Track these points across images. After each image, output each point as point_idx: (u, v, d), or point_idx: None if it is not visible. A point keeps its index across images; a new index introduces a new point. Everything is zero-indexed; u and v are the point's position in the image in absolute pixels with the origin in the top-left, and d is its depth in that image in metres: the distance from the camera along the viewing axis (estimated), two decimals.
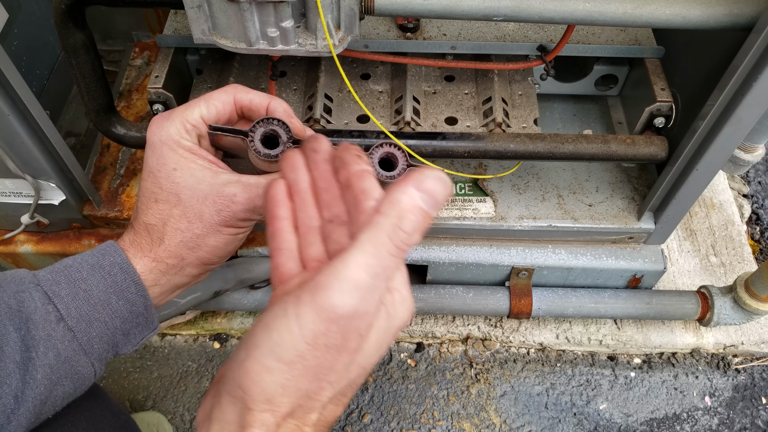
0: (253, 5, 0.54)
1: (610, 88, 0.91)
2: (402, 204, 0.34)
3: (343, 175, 0.42)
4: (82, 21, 0.63)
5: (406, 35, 0.78)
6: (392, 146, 0.55)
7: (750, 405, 0.98)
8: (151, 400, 0.96)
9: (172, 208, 0.51)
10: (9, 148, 0.70)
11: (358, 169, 0.42)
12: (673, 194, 0.79)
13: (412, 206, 0.34)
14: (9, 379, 0.45)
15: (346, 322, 0.34)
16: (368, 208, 0.39)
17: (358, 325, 0.35)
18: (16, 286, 0.48)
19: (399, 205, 0.34)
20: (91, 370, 0.50)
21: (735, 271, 1.05)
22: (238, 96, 0.54)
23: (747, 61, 0.60)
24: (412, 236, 0.34)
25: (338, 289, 0.33)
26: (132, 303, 0.50)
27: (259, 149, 0.51)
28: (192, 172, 0.51)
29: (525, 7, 0.59)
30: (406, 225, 0.34)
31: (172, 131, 0.51)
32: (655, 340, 1.00)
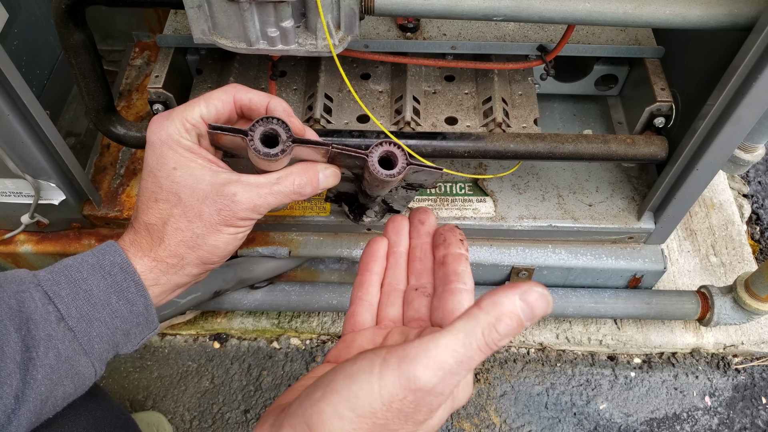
0: (253, 5, 0.54)
1: (610, 88, 0.91)
2: (503, 307, 0.36)
3: (441, 252, 0.48)
4: (82, 21, 0.63)
5: (406, 35, 0.78)
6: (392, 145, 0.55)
7: (750, 405, 0.98)
8: (151, 400, 0.96)
9: (172, 208, 0.51)
10: (9, 148, 0.70)
11: (457, 252, 0.47)
12: (673, 194, 0.79)
13: (512, 312, 0.36)
14: (9, 379, 0.45)
15: (422, 395, 0.36)
16: (456, 290, 0.44)
17: (432, 402, 0.36)
18: (16, 286, 0.48)
19: (500, 308, 0.36)
20: (92, 370, 0.50)
21: (735, 271, 1.05)
22: (237, 95, 0.54)
23: (747, 61, 0.60)
24: (503, 339, 0.36)
25: (425, 364, 0.35)
26: (132, 303, 0.50)
27: (259, 148, 0.51)
28: (192, 172, 0.51)
29: (525, 7, 0.59)
30: (502, 327, 0.36)
31: (172, 131, 0.51)
32: (655, 340, 1.00)
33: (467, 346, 0.35)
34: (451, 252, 0.47)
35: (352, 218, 0.81)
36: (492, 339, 0.35)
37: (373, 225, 0.86)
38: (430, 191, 0.88)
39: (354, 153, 0.54)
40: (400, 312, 0.49)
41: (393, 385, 0.36)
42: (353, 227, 0.87)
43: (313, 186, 0.55)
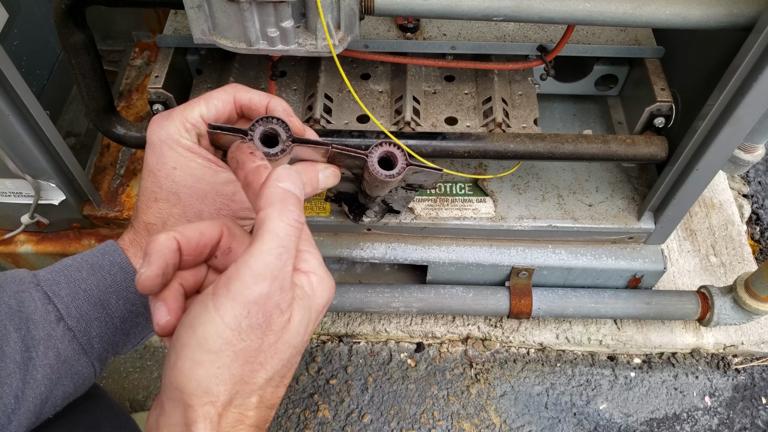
0: (253, 5, 0.54)
1: (610, 88, 0.91)
2: (276, 193, 0.38)
3: (241, 175, 0.44)
4: (82, 21, 0.63)
5: (406, 35, 0.78)
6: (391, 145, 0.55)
7: (750, 405, 0.98)
8: (151, 400, 0.96)
9: (171, 207, 0.51)
10: (9, 148, 0.70)
11: (253, 166, 0.44)
12: (673, 194, 0.79)
13: (285, 191, 0.38)
14: (9, 379, 0.45)
15: (263, 302, 0.36)
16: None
17: (278, 302, 0.37)
18: (16, 286, 0.48)
19: (276, 195, 0.38)
20: (91, 369, 0.50)
21: (735, 271, 1.05)
22: (237, 95, 0.54)
23: (747, 61, 0.60)
24: (296, 213, 0.38)
25: (249, 275, 0.36)
26: (132, 303, 0.50)
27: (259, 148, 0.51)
28: (191, 171, 0.51)
29: (525, 7, 0.59)
30: (291, 206, 0.38)
31: (172, 130, 0.51)
32: (655, 340, 1.00)
33: (275, 240, 0.37)
34: (249, 169, 0.43)
35: (351, 218, 0.81)
36: (292, 218, 0.38)
37: (372, 225, 0.86)
38: (430, 191, 0.88)
39: (354, 153, 0.54)
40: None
41: (232, 308, 0.36)
42: (353, 227, 0.87)
43: (313, 186, 0.54)
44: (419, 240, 0.90)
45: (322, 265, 0.41)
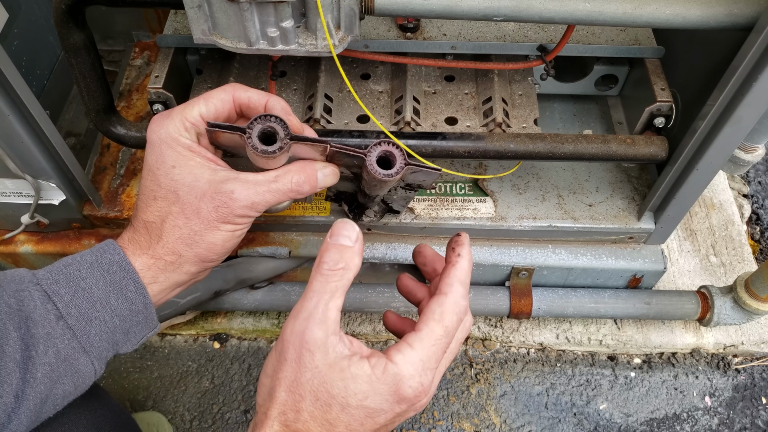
0: (253, 5, 0.54)
1: (610, 88, 0.91)
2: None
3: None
4: (82, 21, 0.63)
5: (406, 35, 0.78)
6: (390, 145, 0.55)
7: (750, 405, 0.98)
8: (151, 400, 0.96)
9: (170, 205, 0.51)
10: (9, 148, 0.70)
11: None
12: (673, 194, 0.79)
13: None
14: (9, 377, 0.45)
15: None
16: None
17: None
18: (15, 285, 0.48)
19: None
20: (91, 368, 0.50)
21: (735, 271, 1.05)
22: (236, 94, 0.54)
23: (747, 61, 0.60)
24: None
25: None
26: (131, 301, 0.50)
27: (257, 145, 0.51)
28: (190, 170, 0.51)
29: (525, 7, 0.59)
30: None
31: (172, 129, 0.51)
32: (655, 340, 1.00)
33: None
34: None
35: (351, 218, 0.81)
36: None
37: (372, 225, 0.86)
38: (430, 191, 0.88)
39: (352, 152, 0.54)
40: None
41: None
42: None
43: (312, 184, 0.55)
44: (419, 240, 0.90)
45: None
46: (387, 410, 0.44)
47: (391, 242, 0.89)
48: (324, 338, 0.44)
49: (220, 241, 0.52)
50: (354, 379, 0.43)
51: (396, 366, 0.44)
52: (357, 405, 0.43)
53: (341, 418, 0.43)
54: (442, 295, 0.47)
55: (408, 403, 0.44)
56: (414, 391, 0.44)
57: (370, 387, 0.43)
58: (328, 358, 0.43)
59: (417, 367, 0.44)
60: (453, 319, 0.46)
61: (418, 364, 0.44)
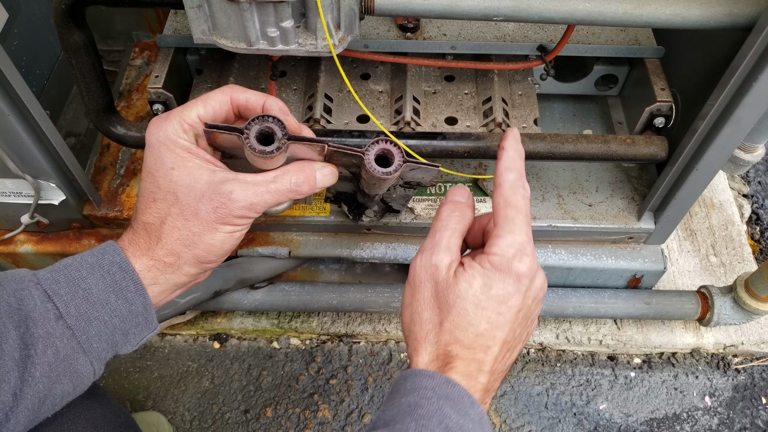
0: (253, 5, 0.54)
1: (610, 88, 0.91)
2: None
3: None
4: (82, 21, 0.63)
5: (406, 35, 0.78)
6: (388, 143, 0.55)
7: (750, 405, 0.98)
8: (151, 400, 0.96)
9: (169, 207, 0.51)
10: (9, 148, 0.70)
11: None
12: (673, 194, 0.79)
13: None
14: (8, 376, 0.45)
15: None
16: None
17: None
18: (15, 284, 0.48)
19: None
20: (90, 369, 0.50)
21: (735, 271, 1.05)
22: (234, 95, 0.54)
23: (747, 61, 0.60)
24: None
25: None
26: (131, 302, 0.50)
27: (255, 146, 0.51)
28: (189, 171, 0.51)
29: (525, 7, 0.59)
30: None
31: (170, 131, 0.51)
32: (655, 340, 1.00)
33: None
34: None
35: (351, 218, 0.81)
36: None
37: (372, 225, 0.86)
38: (429, 191, 0.88)
39: (350, 151, 0.54)
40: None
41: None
42: (353, 227, 0.87)
43: (310, 184, 0.55)
44: (419, 240, 0.90)
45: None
46: (513, 292, 0.48)
47: (391, 242, 0.89)
48: (449, 261, 0.50)
49: (219, 243, 0.52)
50: (475, 278, 0.49)
51: (497, 255, 0.49)
52: (486, 298, 0.48)
53: (479, 314, 0.48)
54: (497, 188, 0.52)
55: (528, 279, 0.49)
56: (525, 266, 0.49)
57: (488, 279, 0.48)
58: (451, 271, 0.50)
59: (515, 248, 0.49)
60: (516, 197, 0.51)
61: (514, 245, 0.49)
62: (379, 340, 1.01)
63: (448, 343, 0.48)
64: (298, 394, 0.96)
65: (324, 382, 0.97)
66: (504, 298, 0.49)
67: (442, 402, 0.45)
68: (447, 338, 0.49)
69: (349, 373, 0.98)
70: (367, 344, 1.01)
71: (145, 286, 0.51)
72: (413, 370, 0.48)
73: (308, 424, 0.94)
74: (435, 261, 0.50)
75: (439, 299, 0.50)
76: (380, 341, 1.01)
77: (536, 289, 0.51)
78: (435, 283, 0.50)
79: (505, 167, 0.53)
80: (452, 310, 0.49)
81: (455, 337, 0.48)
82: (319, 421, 0.94)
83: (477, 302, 0.48)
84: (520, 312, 0.50)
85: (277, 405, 0.96)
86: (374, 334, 1.00)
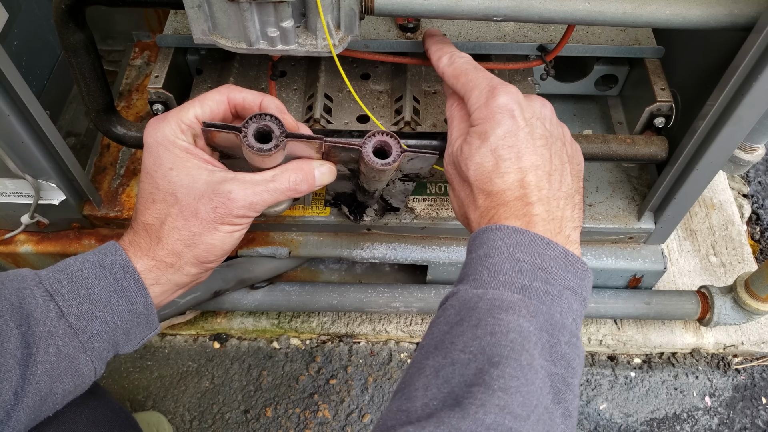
0: (253, 5, 0.54)
1: (610, 88, 0.91)
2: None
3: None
4: (82, 21, 0.63)
5: (406, 35, 0.78)
6: (385, 135, 0.55)
7: (750, 405, 0.98)
8: (151, 400, 0.96)
9: (169, 207, 0.51)
10: (9, 148, 0.70)
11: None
12: (673, 194, 0.79)
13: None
14: (9, 374, 0.45)
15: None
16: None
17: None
18: (18, 283, 0.48)
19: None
20: (91, 368, 0.50)
21: (735, 271, 1.05)
22: (231, 95, 0.54)
23: (747, 61, 0.60)
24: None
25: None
26: (132, 302, 0.50)
27: (252, 144, 0.51)
28: (188, 171, 0.51)
29: (525, 7, 0.59)
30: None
31: (168, 132, 0.52)
32: (655, 340, 1.00)
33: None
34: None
35: (352, 219, 0.81)
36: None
37: (373, 225, 0.86)
38: (429, 191, 0.88)
39: (348, 145, 0.54)
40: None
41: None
42: (353, 227, 0.87)
43: (309, 183, 0.55)
44: (419, 240, 0.90)
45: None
46: (508, 124, 0.50)
47: (391, 242, 0.89)
48: (459, 144, 0.54)
49: (219, 242, 0.53)
50: (472, 138, 0.52)
51: (474, 109, 0.53)
52: (488, 144, 0.51)
53: (492, 161, 0.50)
54: (443, 77, 0.58)
55: (514, 104, 0.51)
56: (503, 97, 0.51)
57: (482, 130, 0.52)
58: (460, 149, 0.54)
59: (484, 93, 0.52)
60: (457, 68, 0.57)
61: (482, 93, 0.53)
62: (379, 340, 1.01)
63: (487, 202, 0.51)
64: (298, 394, 0.96)
65: (324, 382, 0.97)
66: (503, 134, 0.50)
67: (512, 249, 0.47)
68: (482, 199, 0.51)
69: (349, 373, 0.98)
70: (367, 344, 1.01)
71: (147, 286, 0.51)
72: (480, 229, 0.50)
73: (308, 424, 0.94)
74: (448, 151, 0.56)
75: (462, 176, 0.53)
76: (380, 341, 1.01)
77: (535, 109, 0.53)
78: (455, 166, 0.54)
79: (436, 58, 0.59)
80: (470, 174, 0.51)
81: (485, 192, 0.51)
82: (319, 421, 0.94)
83: (483, 153, 0.51)
84: (531, 134, 0.51)
85: (277, 405, 0.96)
86: (374, 334, 1.00)
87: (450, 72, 0.57)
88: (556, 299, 0.45)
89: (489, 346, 0.42)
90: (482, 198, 0.51)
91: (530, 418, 0.39)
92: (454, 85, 0.56)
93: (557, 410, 0.42)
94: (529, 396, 0.40)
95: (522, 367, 0.41)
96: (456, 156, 0.54)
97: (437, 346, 0.44)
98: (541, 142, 0.51)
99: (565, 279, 0.46)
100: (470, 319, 0.44)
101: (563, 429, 0.42)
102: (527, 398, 0.40)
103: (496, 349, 0.41)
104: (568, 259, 0.47)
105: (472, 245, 0.50)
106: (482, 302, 0.44)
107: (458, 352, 0.42)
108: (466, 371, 0.41)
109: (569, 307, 0.45)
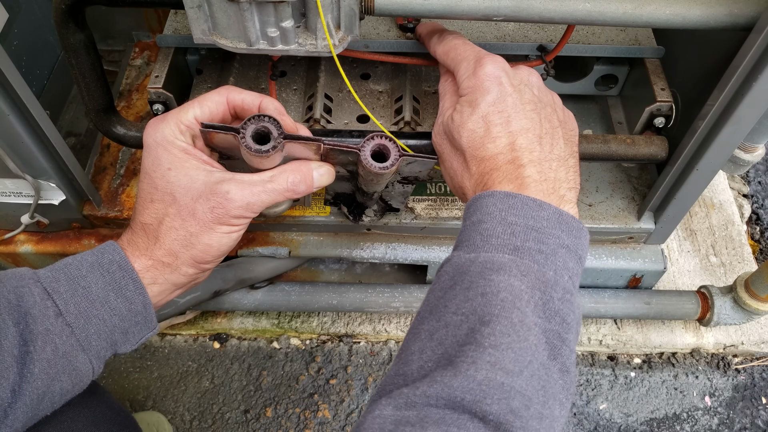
0: (253, 5, 0.54)
1: (610, 88, 0.91)
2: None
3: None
4: (82, 21, 0.63)
5: (406, 35, 0.78)
6: (383, 138, 0.55)
7: (750, 405, 0.98)
8: (151, 400, 0.96)
9: (167, 207, 0.51)
10: (9, 148, 0.70)
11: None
12: (673, 194, 0.79)
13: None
14: (7, 372, 0.45)
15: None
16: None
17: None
18: (16, 282, 0.48)
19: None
20: (89, 367, 0.50)
21: (735, 271, 1.05)
22: (230, 96, 0.54)
23: (747, 61, 0.60)
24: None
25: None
26: (130, 301, 0.50)
27: (251, 145, 0.51)
28: (186, 172, 0.51)
29: (525, 7, 0.59)
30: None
31: (167, 132, 0.52)
32: (655, 340, 1.00)
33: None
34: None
35: (351, 219, 0.81)
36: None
37: (372, 225, 0.86)
38: (429, 191, 0.88)
39: (346, 148, 0.54)
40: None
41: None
42: (353, 227, 0.87)
43: (307, 184, 0.55)
44: (419, 240, 0.90)
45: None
46: (496, 90, 0.52)
47: (391, 242, 0.89)
48: (450, 113, 0.56)
49: (216, 243, 0.53)
50: (462, 106, 0.54)
51: (463, 80, 0.55)
52: (479, 111, 0.52)
53: (483, 126, 0.52)
54: (437, 57, 0.61)
55: (500, 72, 0.53)
56: (489, 66, 0.53)
57: (471, 99, 0.53)
58: (450, 118, 0.55)
59: (471, 65, 0.55)
60: (446, 44, 0.59)
61: (469, 65, 0.55)
62: (379, 340, 1.01)
63: (480, 168, 0.51)
64: (298, 394, 0.96)
65: (324, 382, 0.97)
66: (493, 100, 0.52)
67: (504, 213, 0.47)
68: (476, 166, 0.52)
69: (349, 373, 0.98)
70: (367, 344, 1.01)
71: (145, 286, 0.51)
72: (474, 197, 0.50)
73: (308, 424, 0.94)
74: (438, 121, 0.57)
75: (454, 145, 0.54)
76: (380, 341, 1.01)
77: (522, 76, 0.54)
78: (447, 135, 0.55)
79: (428, 39, 0.62)
80: (462, 141, 0.52)
81: (478, 158, 0.51)
82: (319, 421, 0.94)
83: (475, 120, 0.52)
84: (520, 99, 0.52)
85: (277, 405, 0.96)
86: (374, 334, 1.00)
87: (440, 49, 0.59)
88: (549, 258, 0.45)
89: (480, 306, 0.43)
90: (475, 164, 0.52)
91: (523, 374, 0.40)
92: (444, 61, 0.58)
93: (554, 366, 0.42)
94: (521, 352, 0.41)
95: (513, 325, 0.41)
96: (448, 125, 0.54)
97: (432, 311, 0.45)
98: (530, 107, 0.52)
99: (559, 238, 0.46)
100: (462, 282, 0.45)
101: (561, 384, 0.42)
102: (520, 354, 0.40)
103: (487, 308, 0.42)
104: (561, 218, 0.47)
105: (466, 213, 0.50)
106: (474, 265, 0.45)
107: (451, 314, 0.43)
108: (458, 332, 0.42)
109: (564, 265, 0.46)
